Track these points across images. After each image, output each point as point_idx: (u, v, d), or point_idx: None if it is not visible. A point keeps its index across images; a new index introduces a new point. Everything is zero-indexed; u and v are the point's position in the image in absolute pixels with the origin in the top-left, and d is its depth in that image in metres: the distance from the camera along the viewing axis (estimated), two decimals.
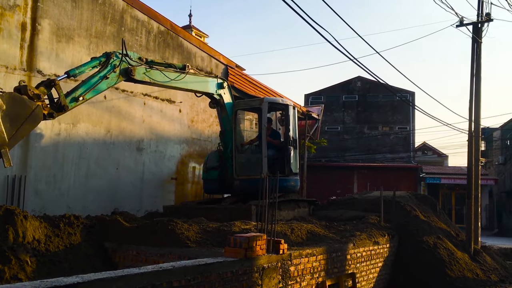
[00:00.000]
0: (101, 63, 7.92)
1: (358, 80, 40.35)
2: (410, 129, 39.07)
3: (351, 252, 8.82)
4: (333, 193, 23.45)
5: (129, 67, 8.29)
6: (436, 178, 30.96)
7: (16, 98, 6.50)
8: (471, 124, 14.38)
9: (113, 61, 8.01)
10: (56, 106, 7.12)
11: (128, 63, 8.30)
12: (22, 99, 6.59)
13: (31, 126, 6.75)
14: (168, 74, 9.12)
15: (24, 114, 6.55)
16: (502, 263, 13.77)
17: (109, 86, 8.15)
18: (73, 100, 7.39)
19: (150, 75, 8.78)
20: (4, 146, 6.32)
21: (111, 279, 4.46)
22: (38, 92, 6.84)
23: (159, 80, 9.01)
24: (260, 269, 6.28)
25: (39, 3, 9.47)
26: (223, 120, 11.17)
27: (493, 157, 39.91)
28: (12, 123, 6.39)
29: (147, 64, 8.84)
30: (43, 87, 6.97)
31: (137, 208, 11.32)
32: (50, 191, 9.56)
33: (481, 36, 14.62)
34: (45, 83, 7.04)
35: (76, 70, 7.58)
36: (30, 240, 6.68)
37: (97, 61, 7.89)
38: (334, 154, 36.45)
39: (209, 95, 10.66)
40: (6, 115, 6.28)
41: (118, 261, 7.52)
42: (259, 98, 12.64)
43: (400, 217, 11.92)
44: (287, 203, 10.95)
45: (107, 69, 7.92)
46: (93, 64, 7.84)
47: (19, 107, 6.51)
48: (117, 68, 8.06)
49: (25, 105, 6.58)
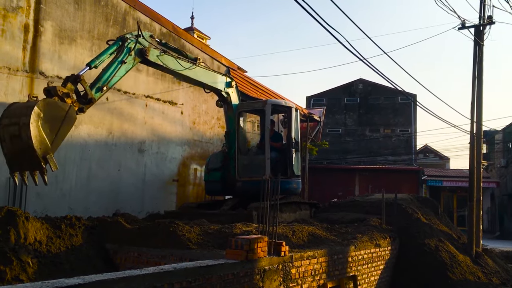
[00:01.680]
0: (117, 48, 8.01)
1: (359, 83, 40.37)
2: (412, 132, 39.04)
3: (353, 254, 8.81)
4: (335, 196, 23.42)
5: (144, 47, 8.37)
6: (438, 180, 30.89)
7: (50, 103, 6.73)
8: (473, 127, 14.37)
9: (128, 44, 8.09)
10: (84, 100, 7.32)
11: (143, 44, 8.38)
12: (55, 103, 6.82)
13: (68, 127, 6.98)
14: (181, 62, 9.24)
15: (60, 117, 6.80)
16: (504, 266, 13.73)
17: (127, 71, 8.23)
18: (98, 90, 7.57)
19: (163, 60, 8.91)
20: (48, 152, 6.60)
21: (112, 281, 4.47)
22: (67, 90, 7.03)
23: (172, 66, 9.13)
24: (261, 271, 6.28)
25: (42, 5, 9.50)
26: (229, 120, 11.18)
27: (495, 160, 39.83)
28: (51, 128, 6.65)
29: (161, 46, 8.97)
30: (70, 84, 7.13)
31: (139, 209, 11.33)
32: (51, 193, 9.57)
33: (483, 38, 14.62)
34: (70, 79, 7.18)
35: (96, 60, 7.70)
36: (32, 241, 6.68)
37: (113, 46, 7.99)
38: (335, 156, 36.43)
39: (217, 92, 10.73)
40: (44, 121, 6.53)
41: (119, 263, 7.53)
42: (263, 100, 12.68)
43: (402, 220, 11.91)
44: (288, 205, 10.95)
45: (123, 53, 8.01)
46: (110, 51, 7.95)
47: (55, 111, 6.75)
48: (132, 51, 8.15)
49: (59, 108, 6.81)
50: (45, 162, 6.61)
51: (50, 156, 6.67)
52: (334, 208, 13.71)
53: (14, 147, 6.62)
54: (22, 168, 6.88)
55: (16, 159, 6.78)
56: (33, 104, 6.53)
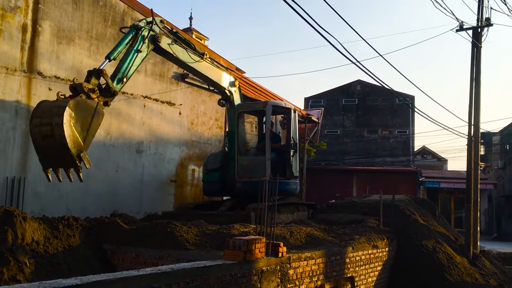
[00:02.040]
0: (132, 37, 8.12)
1: (358, 84, 40.42)
2: (410, 133, 39.12)
3: (350, 255, 8.82)
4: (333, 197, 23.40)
5: (156, 34, 8.50)
6: (435, 182, 30.95)
7: (79, 102, 6.92)
8: (471, 128, 14.40)
9: (141, 32, 8.21)
10: (108, 93, 7.50)
11: (155, 31, 8.51)
12: (84, 101, 7.00)
13: (97, 123, 7.18)
14: (190, 54, 9.44)
15: (89, 114, 7.01)
16: (501, 267, 13.77)
17: (143, 59, 8.39)
18: (119, 82, 7.74)
19: (174, 49, 9.10)
20: (82, 150, 6.86)
21: (110, 281, 4.46)
22: (92, 86, 7.20)
23: (181, 57, 9.34)
24: (259, 272, 6.28)
25: (40, 4, 9.48)
26: (231, 120, 11.18)
27: (493, 162, 39.93)
28: (82, 126, 6.89)
29: (172, 35, 9.15)
30: (93, 79, 7.28)
31: (136, 210, 11.31)
32: (49, 193, 9.55)
33: (481, 40, 14.66)
34: (94, 74, 7.30)
35: (114, 52, 7.82)
36: (29, 242, 6.67)
37: (128, 36, 8.09)
38: (333, 157, 36.45)
39: (220, 89, 10.81)
40: (76, 120, 6.75)
41: (117, 263, 7.51)
42: (263, 101, 12.71)
43: (399, 221, 11.92)
44: (286, 206, 10.95)
45: (138, 42, 8.14)
46: (126, 41, 8.05)
47: (84, 109, 6.96)
48: (146, 38, 8.29)
49: (88, 105, 7.02)
50: (79, 160, 6.85)
51: (83, 154, 6.91)
52: (332, 209, 13.72)
53: (47, 146, 6.82)
54: (56, 166, 7.17)
55: (49, 157, 7.01)
56: (64, 103, 6.69)
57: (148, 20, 8.47)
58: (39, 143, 6.91)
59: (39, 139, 6.89)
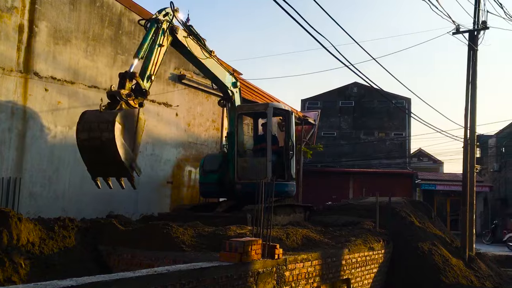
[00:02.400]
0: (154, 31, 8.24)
1: (354, 86, 40.50)
2: (406, 135, 39.23)
3: (346, 257, 8.82)
4: (329, 199, 23.44)
5: (174, 25, 8.67)
6: (432, 184, 31.03)
7: (125, 114, 7.18)
8: (467, 131, 14.44)
9: (161, 26, 8.33)
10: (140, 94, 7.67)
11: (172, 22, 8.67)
12: (128, 112, 7.27)
13: (141, 130, 7.46)
14: (202, 51, 9.70)
15: (133, 122, 7.28)
16: (497, 270, 13.81)
17: (164, 53, 8.53)
18: (148, 80, 7.90)
19: (189, 43, 9.29)
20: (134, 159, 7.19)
21: (105, 283, 4.45)
22: (128, 91, 7.40)
23: (194, 51, 9.53)
24: (255, 273, 6.27)
25: (37, 5, 9.46)
26: (231, 121, 11.18)
27: (488, 164, 40.05)
28: (130, 136, 7.18)
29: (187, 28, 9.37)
30: (128, 83, 7.46)
31: (132, 211, 11.29)
32: (45, 194, 9.52)
33: (477, 43, 14.72)
34: (128, 77, 7.47)
35: (141, 51, 7.95)
36: (25, 243, 6.64)
37: (151, 31, 8.21)
38: (330, 159, 36.49)
39: (224, 89, 10.90)
40: (124, 132, 7.03)
41: (113, 265, 7.49)
42: (264, 103, 12.74)
43: (395, 223, 11.94)
44: (283, 208, 10.94)
45: (159, 36, 8.26)
46: (150, 37, 8.16)
47: (130, 120, 7.23)
48: (166, 31, 8.45)
49: (131, 114, 7.29)
50: (132, 170, 7.17)
51: (135, 163, 7.24)
52: (328, 211, 13.74)
53: (98, 159, 7.07)
54: (107, 175, 7.50)
55: (100, 168, 7.29)
56: (111, 117, 6.89)
57: (167, 9, 8.56)
58: (89, 156, 7.16)
59: (88, 153, 7.13)
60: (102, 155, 6.94)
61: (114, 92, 7.19)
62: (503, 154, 36.98)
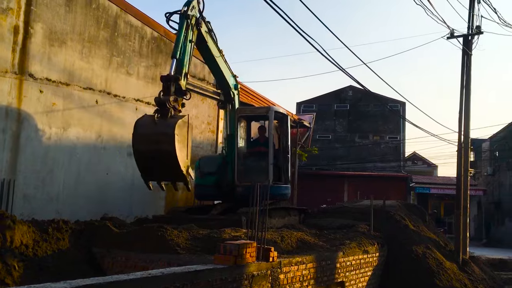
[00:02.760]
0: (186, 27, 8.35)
1: (349, 89, 40.66)
2: (401, 139, 39.43)
3: (341, 260, 8.84)
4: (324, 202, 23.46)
5: (200, 19, 8.79)
6: (426, 188, 31.18)
7: (180, 125, 7.47)
8: (461, 135, 14.52)
9: (190, 22, 8.44)
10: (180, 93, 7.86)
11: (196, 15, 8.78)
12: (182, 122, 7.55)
13: (191, 135, 7.88)
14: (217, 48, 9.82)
15: (185, 129, 7.62)
16: (490, 273, 13.87)
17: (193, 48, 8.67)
18: (184, 78, 8.03)
19: (208, 38, 9.36)
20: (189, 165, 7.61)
21: (99, 285, 4.44)
22: (174, 96, 7.63)
23: (211, 47, 9.62)
24: (250, 276, 6.27)
25: (32, 6, 9.43)
26: (232, 122, 11.15)
27: (482, 168, 40.27)
28: (183, 143, 7.55)
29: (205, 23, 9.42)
30: (172, 87, 7.66)
31: (127, 213, 11.24)
32: (39, 196, 9.47)
33: (471, 48, 14.82)
34: (172, 80, 7.68)
35: (178, 50, 8.09)
36: (18, 245, 6.62)
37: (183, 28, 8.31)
38: (325, 162, 36.59)
39: (226, 90, 10.97)
40: (180, 141, 7.38)
41: (107, 267, 7.47)
42: (265, 107, 12.81)
43: (390, 226, 11.98)
44: (277, 211, 10.92)
45: (190, 32, 8.39)
46: (183, 34, 8.26)
47: (183, 128, 7.55)
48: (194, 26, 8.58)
49: (184, 124, 7.59)
50: (188, 175, 7.64)
51: (190, 169, 7.68)
52: (323, 214, 13.75)
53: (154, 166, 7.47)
54: (161, 180, 7.98)
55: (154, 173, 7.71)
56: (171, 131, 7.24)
57: (193, 4, 8.66)
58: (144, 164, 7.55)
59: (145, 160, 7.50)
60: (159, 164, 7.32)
61: (163, 99, 7.46)
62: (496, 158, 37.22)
